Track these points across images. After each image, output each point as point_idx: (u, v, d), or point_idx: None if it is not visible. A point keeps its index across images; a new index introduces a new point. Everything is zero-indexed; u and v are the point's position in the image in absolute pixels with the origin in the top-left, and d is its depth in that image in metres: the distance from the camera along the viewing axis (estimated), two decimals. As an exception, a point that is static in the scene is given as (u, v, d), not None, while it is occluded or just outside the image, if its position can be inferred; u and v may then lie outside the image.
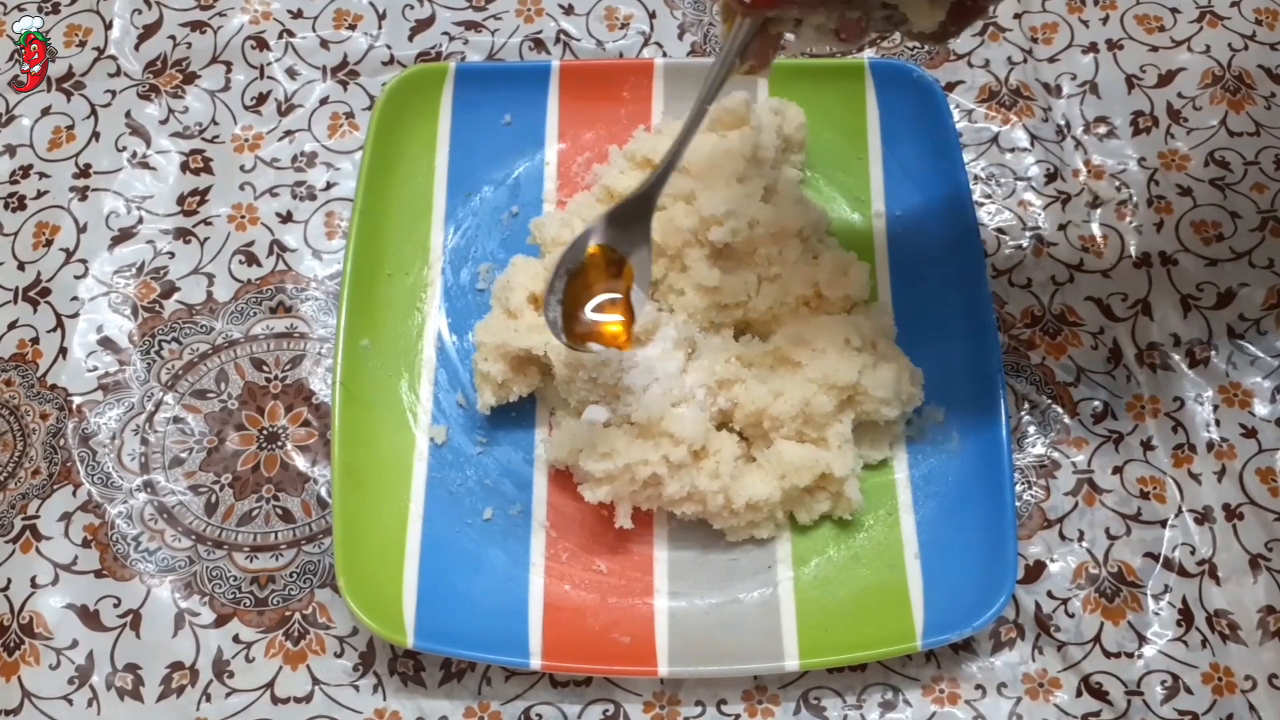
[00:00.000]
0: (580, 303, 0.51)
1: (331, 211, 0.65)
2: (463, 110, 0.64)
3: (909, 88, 0.63)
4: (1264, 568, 0.55)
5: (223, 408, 0.60)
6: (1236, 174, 0.64)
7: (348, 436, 0.55)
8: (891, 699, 0.53)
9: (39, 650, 0.54)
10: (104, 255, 0.63)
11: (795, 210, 0.59)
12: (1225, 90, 0.67)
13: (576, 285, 0.51)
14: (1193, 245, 0.63)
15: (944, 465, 0.56)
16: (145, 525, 0.57)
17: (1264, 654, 0.54)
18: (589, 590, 0.55)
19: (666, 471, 0.53)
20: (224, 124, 0.67)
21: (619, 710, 0.53)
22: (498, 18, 0.70)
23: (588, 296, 0.51)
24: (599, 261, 0.51)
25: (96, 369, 0.61)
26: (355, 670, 0.54)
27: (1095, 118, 0.66)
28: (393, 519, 0.55)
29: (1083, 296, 0.62)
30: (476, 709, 0.53)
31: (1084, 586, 0.55)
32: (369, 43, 0.69)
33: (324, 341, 0.61)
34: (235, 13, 0.70)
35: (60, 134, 0.67)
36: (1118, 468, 0.58)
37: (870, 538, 0.56)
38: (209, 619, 0.55)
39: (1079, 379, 0.60)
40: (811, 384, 0.54)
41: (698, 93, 0.49)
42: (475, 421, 0.58)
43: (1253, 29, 0.69)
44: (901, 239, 0.62)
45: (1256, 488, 0.57)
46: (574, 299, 0.51)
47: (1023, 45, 0.69)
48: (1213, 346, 0.60)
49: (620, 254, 0.51)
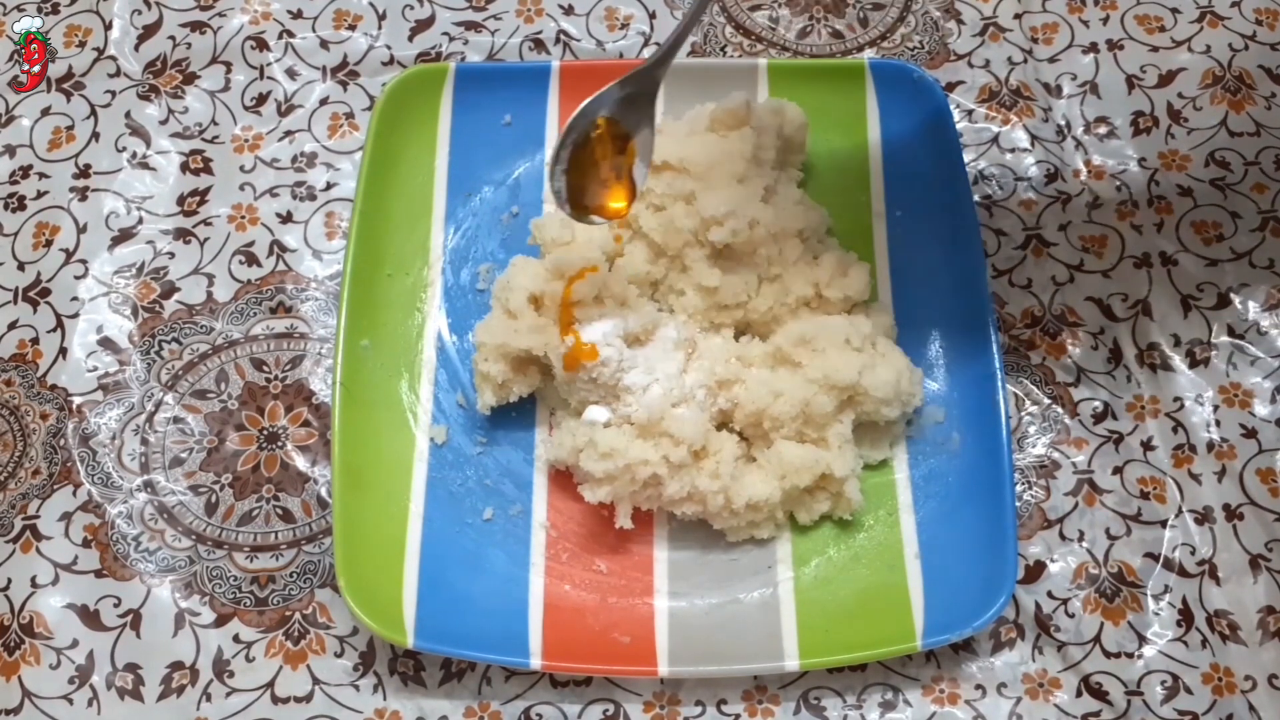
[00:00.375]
0: (586, 175, 0.52)
1: (331, 212, 0.65)
2: (463, 110, 0.64)
3: (909, 88, 0.63)
4: (1264, 568, 0.55)
5: (223, 408, 0.60)
6: (1237, 174, 0.64)
7: (348, 436, 0.55)
8: (891, 699, 0.53)
9: (39, 650, 0.54)
10: (104, 255, 0.63)
11: (795, 210, 0.59)
12: (1225, 90, 0.67)
13: (582, 157, 0.52)
14: (1193, 245, 0.63)
15: (944, 465, 0.56)
16: (145, 525, 0.57)
17: (1264, 654, 0.54)
18: (589, 590, 0.55)
19: (666, 471, 0.53)
20: (224, 124, 0.67)
21: (619, 710, 0.53)
22: (498, 18, 0.70)
23: (593, 169, 0.52)
24: (604, 136, 0.52)
25: (96, 369, 0.61)
26: (355, 670, 0.54)
27: (1095, 118, 0.66)
28: (393, 519, 0.55)
29: (1083, 297, 0.62)
30: (476, 709, 0.53)
31: (1084, 587, 0.55)
32: (369, 43, 0.69)
33: (324, 342, 0.61)
34: (235, 13, 0.70)
35: (60, 134, 0.67)
36: (1118, 468, 0.58)
37: (870, 538, 0.56)
38: (209, 619, 0.55)
39: (1079, 379, 0.60)
40: (811, 384, 0.54)
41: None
42: (475, 421, 0.58)
43: (1253, 29, 0.69)
44: (901, 239, 0.62)
45: (1257, 488, 0.57)
46: (579, 171, 0.52)
47: (1023, 45, 0.69)
48: (1213, 347, 0.60)
49: (625, 129, 0.52)
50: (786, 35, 0.70)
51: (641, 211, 0.59)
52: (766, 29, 0.70)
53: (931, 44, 0.69)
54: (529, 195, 0.64)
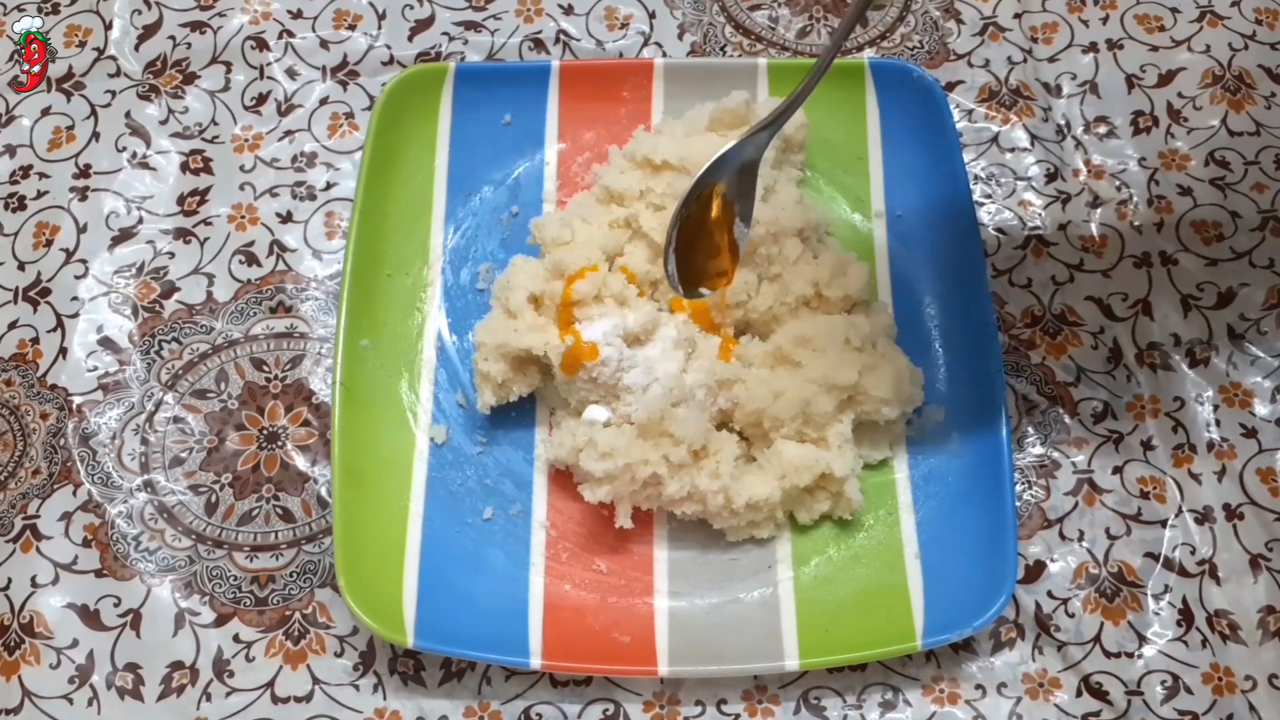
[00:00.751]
0: (692, 248, 0.53)
1: (331, 211, 0.65)
2: (463, 110, 0.64)
3: (909, 87, 0.63)
4: (1264, 568, 0.55)
5: (223, 407, 0.60)
6: (1237, 174, 0.64)
7: (348, 436, 0.55)
8: (891, 699, 0.53)
9: (39, 650, 0.54)
10: (104, 255, 0.63)
11: (795, 210, 0.58)
12: (1225, 90, 0.67)
13: (687, 231, 0.52)
14: (1193, 245, 0.63)
15: (944, 465, 0.56)
16: (145, 525, 0.57)
17: (1264, 654, 0.54)
18: (589, 590, 0.55)
19: (666, 471, 0.53)
20: (224, 124, 0.67)
21: (619, 710, 0.53)
22: (497, 18, 0.70)
23: (698, 241, 0.53)
24: (705, 203, 0.52)
25: (96, 369, 0.61)
26: (355, 670, 0.54)
27: (1095, 117, 0.66)
28: (393, 518, 0.55)
29: (1083, 296, 0.62)
30: (476, 708, 0.53)
31: (1084, 586, 0.55)
32: (369, 43, 0.69)
33: (324, 341, 0.61)
34: (235, 13, 0.70)
35: (60, 134, 0.67)
36: (1118, 468, 0.58)
37: (870, 537, 0.56)
38: (209, 618, 0.55)
39: (1079, 379, 0.60)
40: (811, 384, 0.54)
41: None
42: (475, 421, 0.58)
43: (1253, 29, 0.69)
44: (901, 239, 0.62)
45: (1257, 488, 0.57)
46: (686, 244, 0.52)
47: (1023, 45, 0.69)
48: (1213, 346, 0.60)
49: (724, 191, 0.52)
50: (786, 35, 0.70)
51: (641, 211, 0.59)
52: (766, 29, 0.70)
53: (931, 44, 0.69)
54: (529, 195, 0.64)
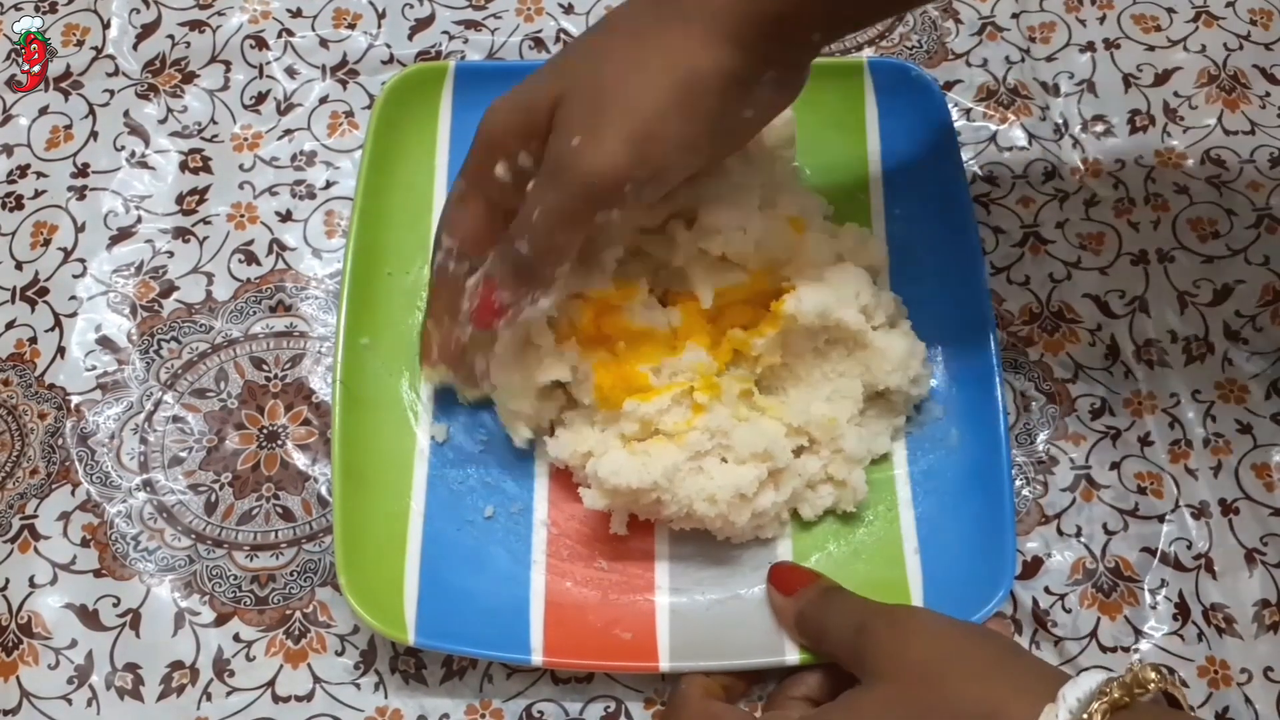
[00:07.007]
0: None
1: (331, 210, 0.65)
2: (463, 109, 0.64)
3: (907, 87, 0.63)
4: (1259, 562, 0.56)
5: (222, 407, 0.60)
6: (1232, 172, 0.65)
7: (348, 435, 0.55)
8: (892, 695, 0.53)
9: (38, 650, 0.54)
10: (102, 254, 0.63)
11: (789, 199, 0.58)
12: (1221, 89, 0.67)
13: None
14: (1189, 242, 0.63)
15: (943, 461, 0.57)
16: (145, 524, 0.57)
17: (1259, 647, 0.54)
18: (590, 587, 0.55)
19: (669, 496, 0.52)
20: (223, 123, 0.67)
21: (620, 707, 0.53)
22: (498, 17, 0.70)
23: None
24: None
25: (95, 368, 0.60)
26: (356, 668, 0.54)
27: (1092, 116, 0.67)
28: (393, 517, 0.55)
29: (1080, 294, 0.62)
30: (478, 706, 0.53)
31: (1081, 581, 0.56)
32: (368, 42, 0.69)
33: (324, 340, 0.61)
34: (234, 12, 0.70)
35: (58, 133, 0.66)
36: (1115, 463, 0.58)
37: (870, 533, 0.56)
38: (209, 618, 0.55)
39: (1077, 375, 0.60)
40: None
41: None
42: (476, 420, 0.58)
43: (1248, 29, 0.69)
44: (900, 237, 0.62)
45: (1252, 483, 0.57)
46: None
47: (1020, 44, 0.69)
48: (1209, 343, 0.61)
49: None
50: (784, 34, 0.70)
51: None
52: (764, 28, 0.70)
53: (930, 43, 0.69)
54: (528, 194, 0.64)
